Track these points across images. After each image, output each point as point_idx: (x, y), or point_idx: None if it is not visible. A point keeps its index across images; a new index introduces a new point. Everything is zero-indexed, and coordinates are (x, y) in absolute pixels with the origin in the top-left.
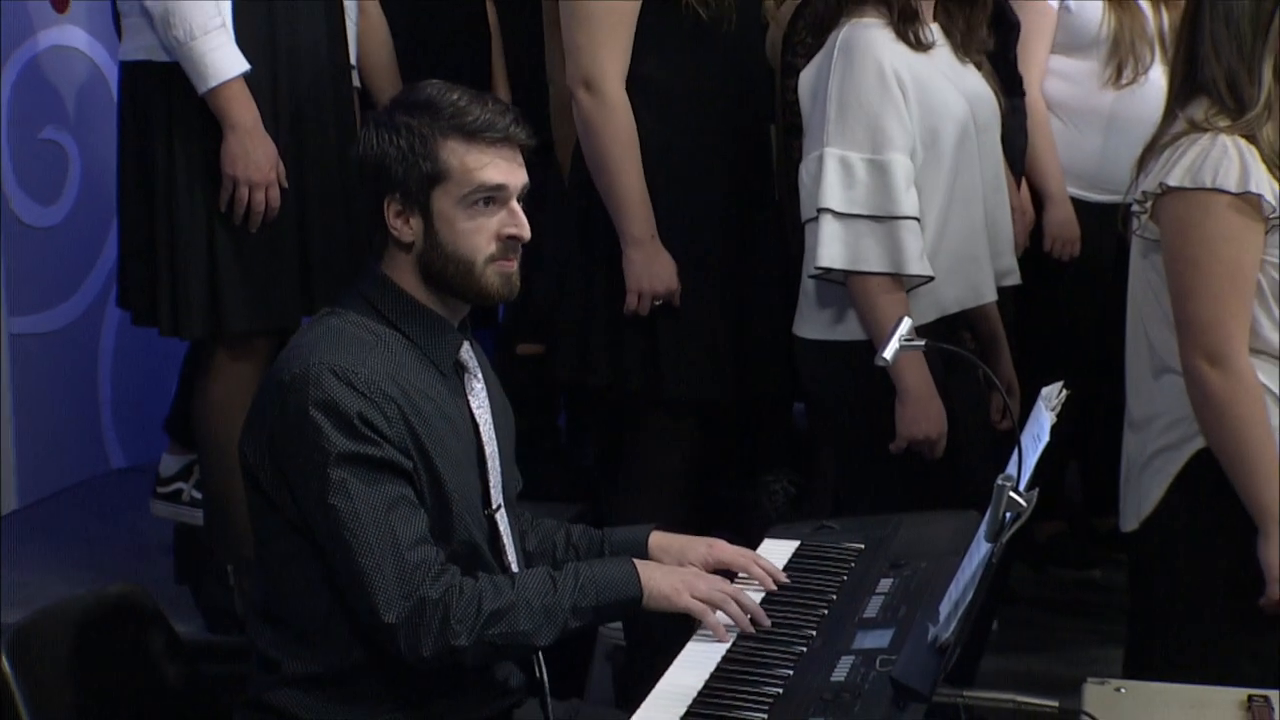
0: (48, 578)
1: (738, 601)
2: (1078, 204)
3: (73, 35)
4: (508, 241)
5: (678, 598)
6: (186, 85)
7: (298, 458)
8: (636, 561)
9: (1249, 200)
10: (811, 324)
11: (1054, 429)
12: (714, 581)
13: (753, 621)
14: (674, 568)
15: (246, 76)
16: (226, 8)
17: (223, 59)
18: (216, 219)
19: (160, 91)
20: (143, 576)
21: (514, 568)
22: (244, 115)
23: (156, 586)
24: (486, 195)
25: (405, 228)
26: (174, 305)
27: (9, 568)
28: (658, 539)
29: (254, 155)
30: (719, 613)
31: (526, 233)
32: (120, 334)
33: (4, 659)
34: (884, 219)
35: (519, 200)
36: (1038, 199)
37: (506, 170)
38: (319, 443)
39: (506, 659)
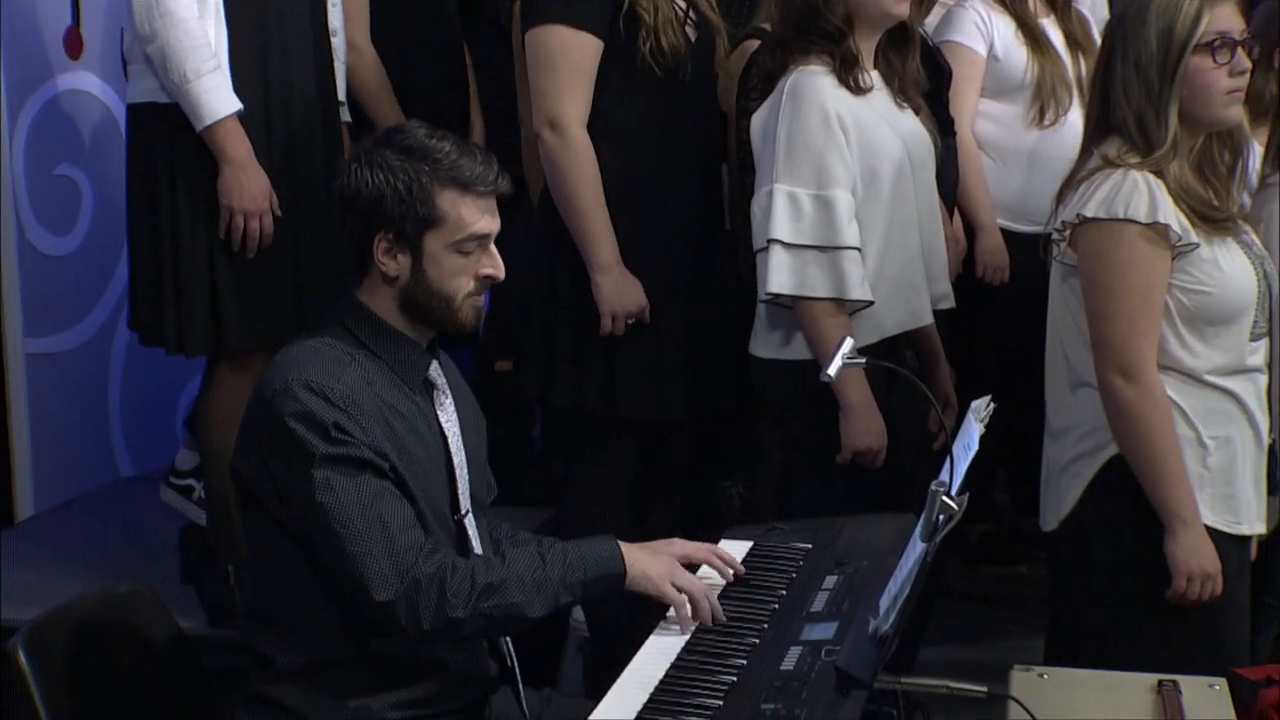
0: (61, 578)
1: (709, 600)
2: (1005, 233)
3: (85, 80)
4: (484, 280)
5: (661, 583)
6: (187, 124)
7: (285, 465)
8: (621, 543)
9: (1157, 230)
10: (764, 344)
11: (983, 439)
12: (693, 577)
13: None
14: (659, 553)
15: (240, 114)
16: (223, 51)
17: (217, 99)
18: (216, 246)
19: (163, 130)
20: (151, 577)
21: None
22: (238, 150)
23: (164, 586)
24: (476, 241)
25: (392, 263)
26: (179, 326)
27: (26, 569)
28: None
29: (248, 187)
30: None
31: (502, 274)
32: (129, 353)
33: (20, 654)
34: (828, 249)
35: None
36: (969, 229)
37: (491, 220)
38: (302, 449)
39: (503, 632)
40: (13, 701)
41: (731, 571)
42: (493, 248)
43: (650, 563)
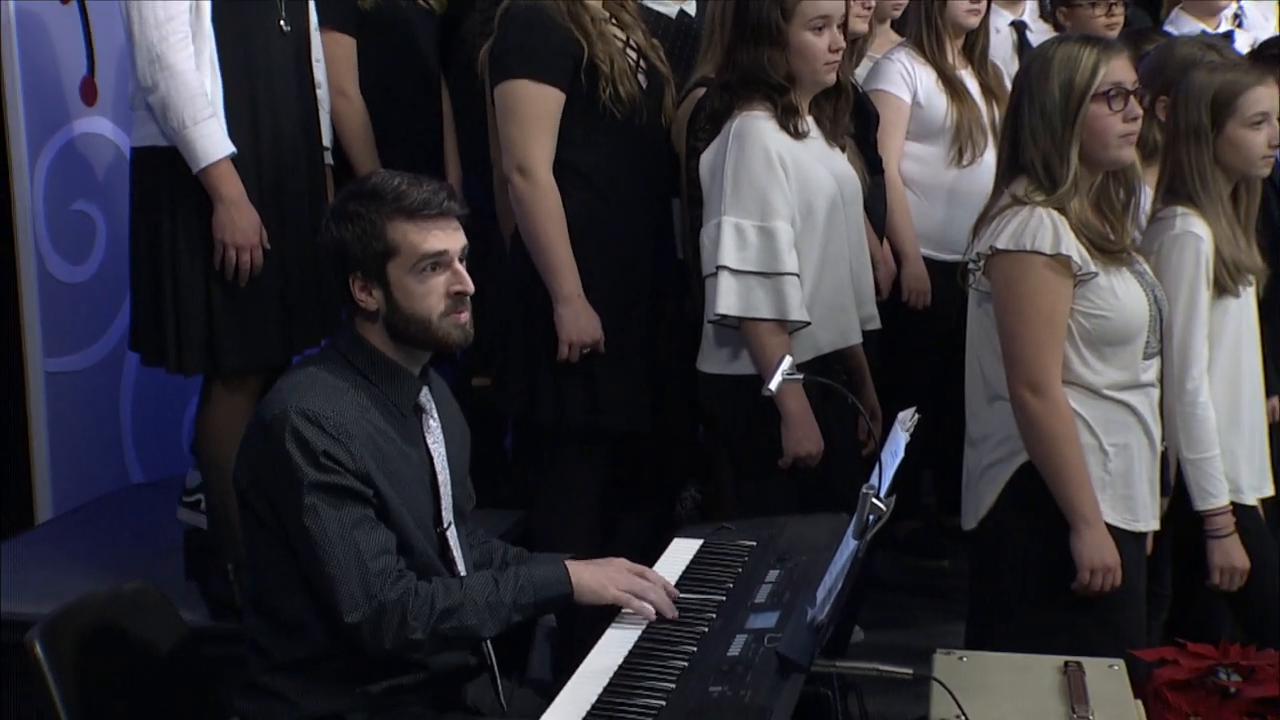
0: (76, 576)
1: (657, 592)
2: (927, 261)
3: (99, 124)
4: (456, 297)
5: (604, 591)
6: (185, 166)
7: (278, 485)
8: (567, 562)
9: (1060, 260)
10: (712, 361)
11: (909, 446)
12: (634, 576)
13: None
14: (600, 565)
15: (233, 157)
16: (218, 100)
17: (212, 144)
18: (212, 276)
19: (164, 172)
20: (158, 574)
21: (462, 574)
22: (231, 190)
23: (169, 582)
24: (432, 261)
25: (369, 299)
26: (178, 348)
27: (44, 568)
28: (569, 564)
29: (240, 223)
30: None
31: (470, 288)
32: (139, 372)
33: (37, 646)
34: (771, 275)
35: (461, 260)
36: (896, 258)
37: (445, 238)
38: (293, 473)
39: (459, 649)
40: (31, 690)
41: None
42: (458, 266)
43: (594, 576)
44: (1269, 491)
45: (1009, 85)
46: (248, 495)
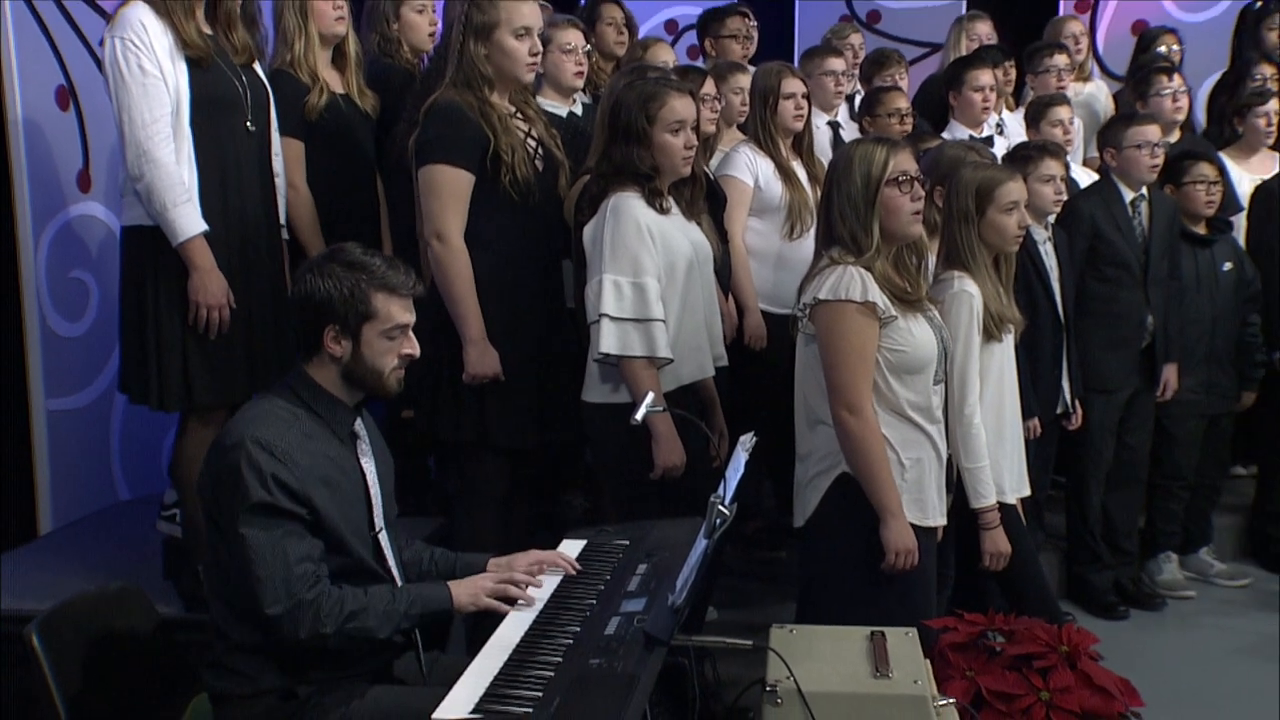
0: (71, 578)
1: (515, 584)
2: (764, 314)
3: (92, 208)
4: (405, 358)
5: (476, 600)
6: (166, 241)
7: (229, 497)
8: (450, 584)
9: (868, 307)
10: (595, 392)
11: (752, 461)
12: (496, 577)
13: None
14: (472, 579)
15: (206, 234)
16: (194, 187)
17: (188, 223)
18: (187, 331)
19: (149, 245)
20: (140, 575)
21: (394, 572)
22: (204, 261)
23: (150, 582)
24: (400, 329)
25: (338, 347)
26: (160, 388)
27: (45, 571)
28: (450, 584)
29: (210, 288)
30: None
31: (418, 353)
32: (126, 410)
33: (34, 637)
34: (642, 321)
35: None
36: (739, 310)
37: (410, 313)
38: (242, 491)
39: (358, 647)
40: (29, 675)
41: (570, 567)
42: (410, 334)
43: (466, 591)
44: (1026, 492)
45: None
46: (209, 506)
